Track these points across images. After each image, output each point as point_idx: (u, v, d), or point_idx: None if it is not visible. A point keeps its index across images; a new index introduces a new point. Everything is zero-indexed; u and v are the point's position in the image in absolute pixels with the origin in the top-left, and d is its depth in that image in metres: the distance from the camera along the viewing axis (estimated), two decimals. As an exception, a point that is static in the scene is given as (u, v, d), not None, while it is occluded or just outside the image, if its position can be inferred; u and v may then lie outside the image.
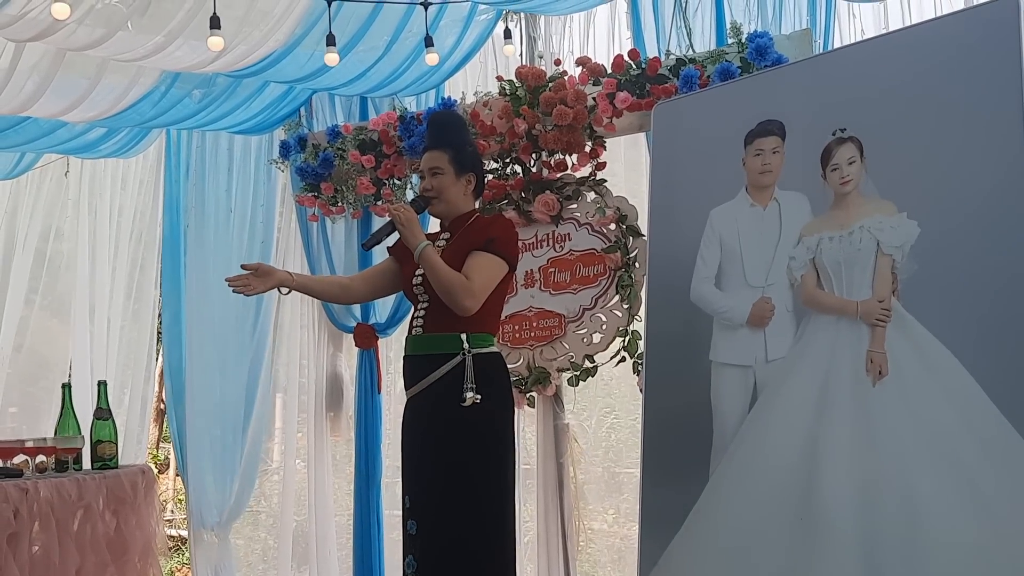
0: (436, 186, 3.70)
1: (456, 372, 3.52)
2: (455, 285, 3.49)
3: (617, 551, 5.13)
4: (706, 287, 3.69)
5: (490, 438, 3.59)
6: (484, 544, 3.53)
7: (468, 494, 3.52)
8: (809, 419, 3.24)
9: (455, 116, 4.20)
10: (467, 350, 3.53)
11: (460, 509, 3.50)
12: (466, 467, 3.52)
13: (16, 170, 6.27)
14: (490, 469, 3.57)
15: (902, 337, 3.07)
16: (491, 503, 3.56)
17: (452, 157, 3.70)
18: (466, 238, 3.65)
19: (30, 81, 4.77)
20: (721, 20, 4.47)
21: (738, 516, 3.41)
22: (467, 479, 3.52)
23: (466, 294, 3.49)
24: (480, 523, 3.53)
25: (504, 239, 3.64)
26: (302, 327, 5.80)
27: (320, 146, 5.36)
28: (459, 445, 3.53)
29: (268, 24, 4.48)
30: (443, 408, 3.54)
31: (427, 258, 3.53)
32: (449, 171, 3.70)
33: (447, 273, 3.51)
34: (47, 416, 5.94)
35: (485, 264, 3.57)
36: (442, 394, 3.55)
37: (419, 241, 3.55)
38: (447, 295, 3.51)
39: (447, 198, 3.72)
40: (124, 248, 6.39)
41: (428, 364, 3.59)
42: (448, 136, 3.75)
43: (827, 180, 3.32)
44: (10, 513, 3.44)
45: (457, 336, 3.55)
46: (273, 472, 6.05)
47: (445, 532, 3.51)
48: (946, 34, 3.17)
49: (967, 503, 2.86)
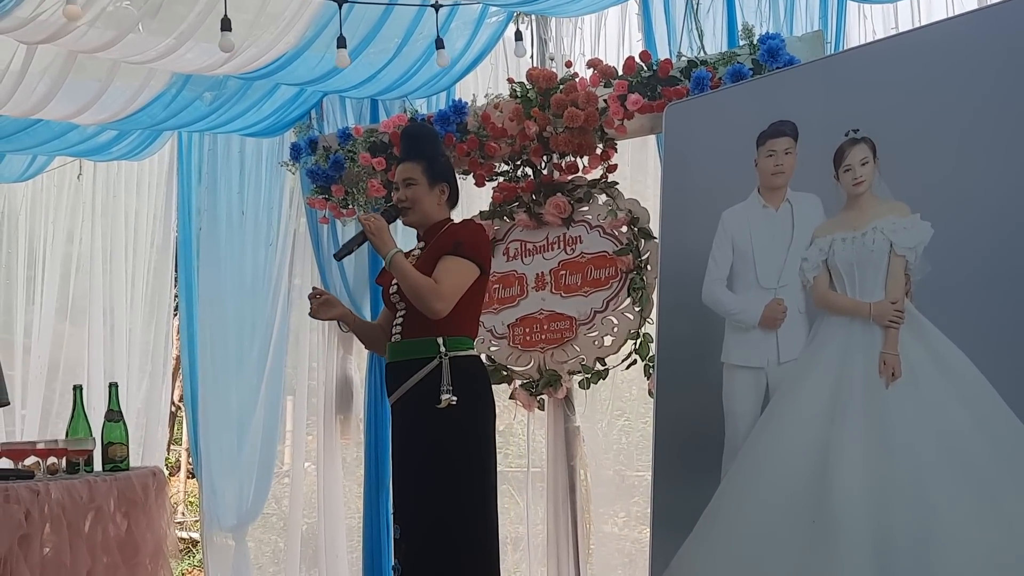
0: (410, 196, 3.77)
1: (434, 376, 3.58)
2: (424, 288, 3.55)
3: (628, 554, 5.11)
4: (718, 289, 3.68)
5: (472, 441, 3.64)
6: (470, 548, 3.58)
7: (449, 497, 3.56)
8: (822, 421, 3.22)
9: (428, 129, 4.30)
10: (443, 353, 3.59)
11: (441, 512, 3.55)
12: (446, 470, 3.58)
13: (28, 173, 6.30)
14: (473, 472, 3.62)
15: (915, 339, 3.05)
16: (474, 507, 3.61)
17: (425, 168, 3.77)
18: (437, 245, 3.71)
19: (41, 84, 4.78)
20: (733, 22, 4.45)
21: (750, 519, 3.40)
22: (447, 482, 3.57)
23: (435, 297, 3.55)
24: (463, 525, 3.58)
25: (472, 243, 3.69)
26: (312, 330, 5.80)
27: (331, 148, 5.36)
28: (439, 449, 3.59)
29: (279, 26, 4.48)
30: (422, 412, 3.59)
31: (397, 264, 3.59)
32: (423, 181, 3.76)
33: (416, 277, 3.57)
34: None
35: (453, 268, 3.62)
36: (421, 399, 3.60)
37: (389, 248, 3.61)
38: (417, 299, 3.57)
39: (421, 208, 3.78)
40: (138, 251, 6.43)
41: (407, 370, 3.65)
42: (421, 147, 3.84)
43: (840, 181, 3.30)
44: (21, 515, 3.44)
45: (433, 340, 3.61)
46: (283, 475, 6.05)
47: (426, 535, 3.57)
48: (960, 34, 3.15)
49: (980, 506, 2.84)
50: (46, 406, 6.52)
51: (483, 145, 4.83)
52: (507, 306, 4.85)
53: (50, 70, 4.73)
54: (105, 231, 6.51)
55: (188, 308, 5.91)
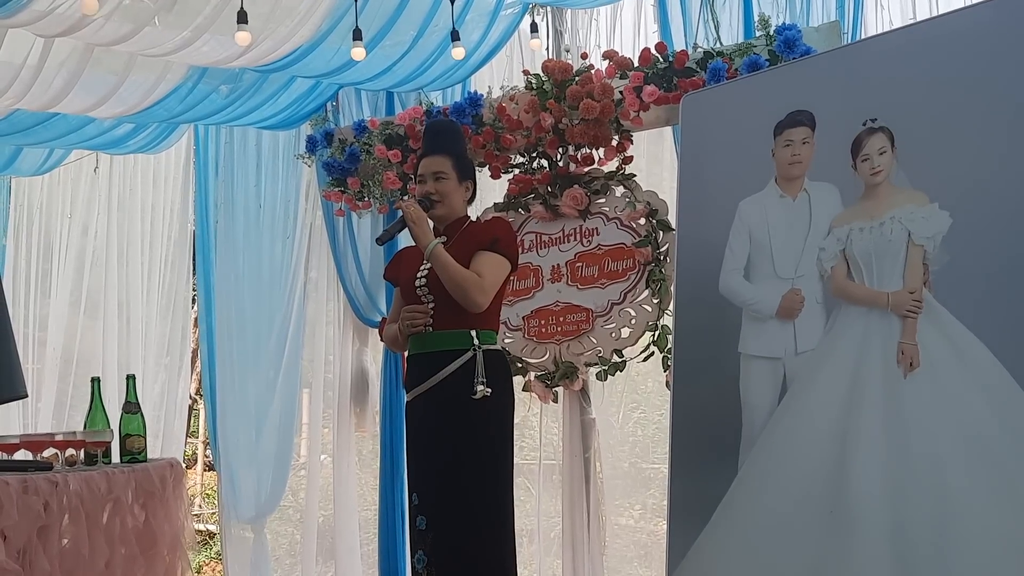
0: (440, 190, 3.78)
1: (467, 368, 3.61)
2: (469, 282, 3.58)
3: (643, 547, 5.10)
4: (735, 279, 3.67)
5: (499, 433, 3.69)
6: (493, 535, 3.61)
7: (480, 487, 3.60)
8: (839, 411, 3.22)
9: (455, 124, 4.28)
10: (477, 346, 3.62)
11: (473, 502, 3.58)
12: (478, 461, 3.61)
13: (45, 166, 6.33)
14: (499, 462, 3.67)
15: (933, 328, 3.04)
16: (501, 495, 3.66)
17: (455, 163, 3.80)
18: (466, 240, 3.73)
19: (58, 77, 4.80)
20: (749, 13, 4.44)
21: (768, 510, 3.39)
22: (479, 472, 3.60)
23: (479, 291, 3.58)
24: (488, 516, 3.62)
25: (508, 239, 3.75)
26: (328, 323, 5.82)
27: (346, 141, 5.36)
28: (472, 440, 3.61)
29: (295, 19, 4.49)
30: (456, 403, 3.61)
31: (438, 256, 3.60)
32: (452, 176, 3.79)
33: (460, 270, 3.59)
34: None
35: (493, 263, 3.67)
36: (454, 390, 3.61)
37: (429, 239, 3.64)
38: (460, 292, 3.58)
39: (450, 203, 3.80)
40: (154, 244, 6.46)
41: (439, 361, 3.65)
42: (450, 142, 3.86)
43: (857, 171, 3.29)
44: (40, 506, 3.44)
45: (467, 332, 3.64)
46: (300, 467, 6.07)
47: (459, 525, 3.58)
48: (978, 24, 3.13)
49: (999, 496, 2.83)
50: (60, 398, 6.56)
51: (499, 137, 4.82)
52: (522, 298, 4.85)
53: (67, 64, 4.75)
54: (121, 224, 6.55)
55: (206, 301, 5.94)
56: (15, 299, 6.62)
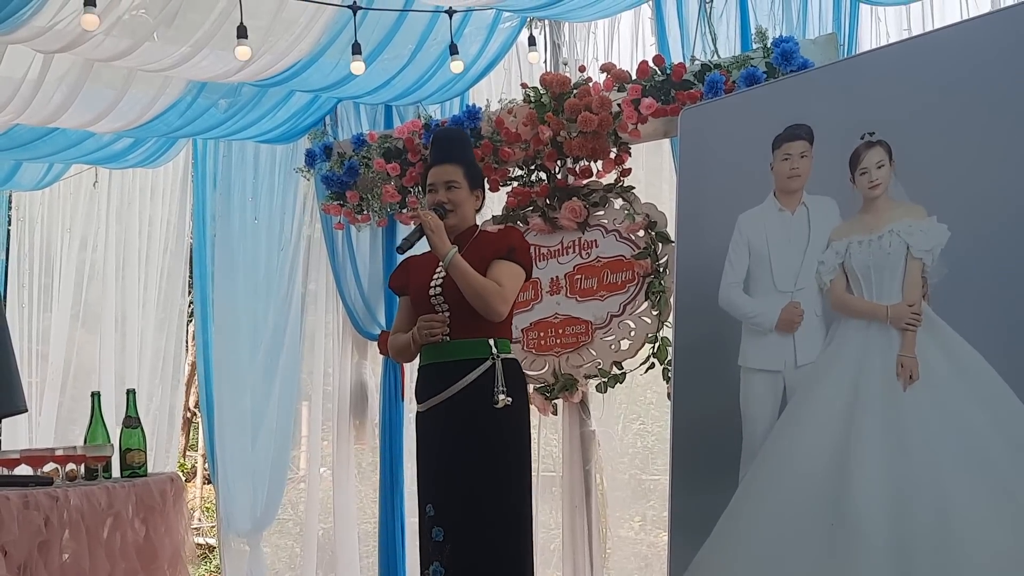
0: (453, 199, 3.76)
1: (487, 376, 3.59)
2: (490, 291, 3.57)
3: (644, 558, 5.10)
4: (734, 292, 3.67)
5: (517, 441, 3.68)
6: (515, 546, 3.60)
7: (501, 497, 3.58)
8: (839, 424, 3.22)
9: (463, 132, 4.30)
10: (495, 355, 3.61)
11: (494, 512, 3.56)
12: (498, 470, 3.59)
13: (45, 180, 6.34)
14: (522, 471, 3.67)
15: (933, 341, 3.04)
16: (520, 505, 3.65)
17: (466, 172, 3.79)
18: (479, 249, 3.71)
19: (58, 92, 4.82)
20: (746, 25, 4.45)
21: (768, 522, 3.39)
22: (499, 481, 3.58)
23: (500, 299, 3.58)
24: (507, 526, 3.59)
25: (523, 249, 3.75)
26: (327, 335, 5.82)
27: (345, 154, 5.38)
28: (493, 449, 3.59)
29: (293, 33, 4.51)
30: (476, 413, 3.58)
31: (457, 265, 3.58)
32: (464, 185, 3.78)
33: (480, 279, 3.58)
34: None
35: (511, 272, 3.67)
36: (474, 399, 3.59)
37: (448, 248, 3.61)
38: (481, 301, 3.56)
39: (462, 212, 3.79)
40: (151, 257, 6.45)
41: (457, 370, 3.63)
42: (460, 151, 3.85)
43: (856, 184, 3.30)
44: (41, 521, 3.44)
45: (485, 341, 3.63)
46: (299, 480, 6.06)
47: (481, 536, 3.55)
48: (975, 37, 3.14)
49: (1000, 509, 2.84)
50: (60, 412, 6.55)
51: (497, 150, 4.84)
52: (521, 311, 4.84)
53: (67, 79, 4.76)
54: (120, 238, 6.55)
55: (203, 314, 5.94)
56: (16, 313, 6.63)
